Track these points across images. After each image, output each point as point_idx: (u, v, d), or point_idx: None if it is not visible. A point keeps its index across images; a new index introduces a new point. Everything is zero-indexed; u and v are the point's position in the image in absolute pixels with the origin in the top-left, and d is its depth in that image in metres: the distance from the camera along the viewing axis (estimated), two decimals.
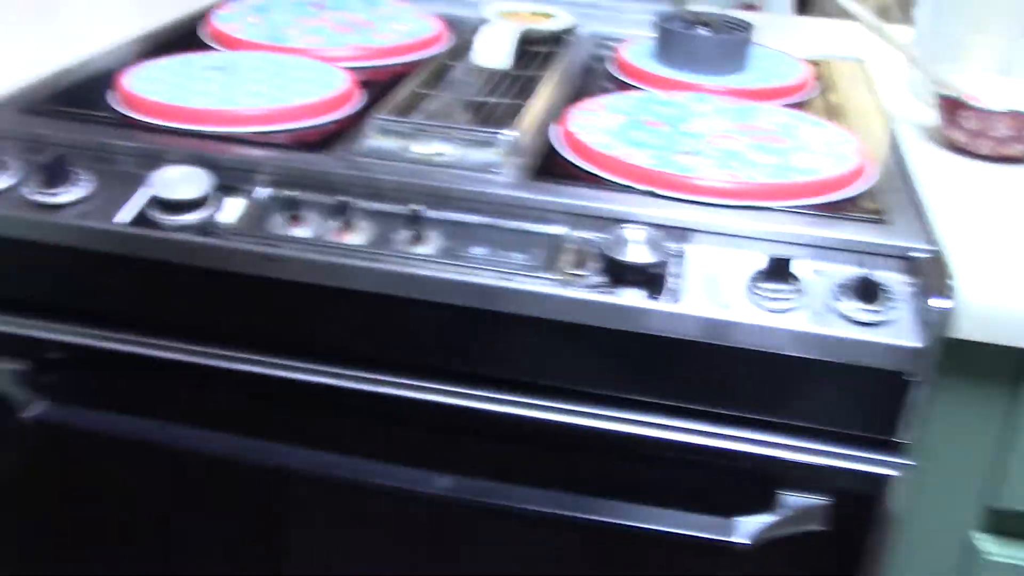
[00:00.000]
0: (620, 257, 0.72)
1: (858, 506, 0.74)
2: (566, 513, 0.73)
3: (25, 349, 0.81)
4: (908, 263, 0.73)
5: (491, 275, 0.72)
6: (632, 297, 0.71)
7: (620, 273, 0.72)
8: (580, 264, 0.74)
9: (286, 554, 0.86)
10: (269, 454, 0.79)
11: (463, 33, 1.12)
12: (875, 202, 0.79)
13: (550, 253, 0.74)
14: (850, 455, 0.73)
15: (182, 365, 0.79)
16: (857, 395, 0.71)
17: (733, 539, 0.72)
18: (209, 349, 0.79)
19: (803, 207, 0.77)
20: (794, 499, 0.74)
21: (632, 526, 0.73)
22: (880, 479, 0.73)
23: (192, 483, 0.84)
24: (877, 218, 0.77)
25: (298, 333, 0.77)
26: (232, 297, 0.77)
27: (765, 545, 0.74)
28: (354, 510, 0.82)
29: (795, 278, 0.71)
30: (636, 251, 0.72)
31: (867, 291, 0.70)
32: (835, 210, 0.78)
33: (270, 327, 0.78)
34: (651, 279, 0.72)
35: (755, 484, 0.74)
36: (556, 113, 0.92)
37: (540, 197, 0.77)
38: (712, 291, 0.72)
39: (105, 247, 0.76)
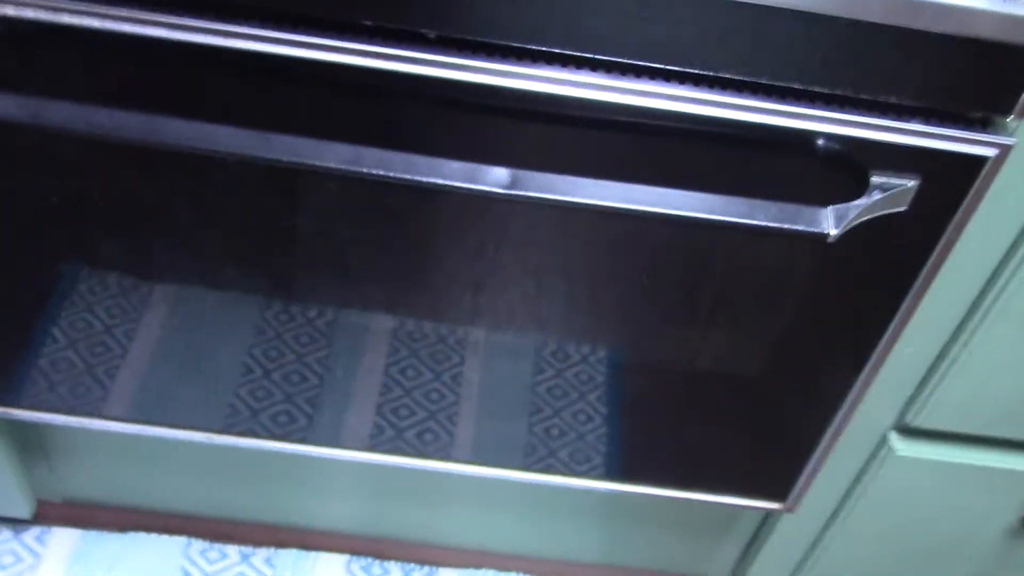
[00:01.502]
0: None
1: (948, 185, 0.69)
2: (655, 209, 0.65)
3: None
4: None
5: None
6: None
7: None
8: None
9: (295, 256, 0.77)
10: (277, 148, 0.67)
11: None
12: None
13: None
14: (949, 133, 0.66)
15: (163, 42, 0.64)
16: (970, 69, 0.63)
17: (823, 228, 0.67)
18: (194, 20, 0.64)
19: None
20: (885, 180, 0.68)
21: (719, 219, 0.66)
22: (976, 159, 0.67)
23: (190, 180, 0.71)
24: None
25: None
26: None
27: (848, 232, 0.68)
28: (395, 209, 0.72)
29: None
30: None
31: None
32: None
33: None
34: None
35: (846, 169, 0.68)
36: None
37: None
38: None
39: None
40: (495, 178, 0.64)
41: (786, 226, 0.65)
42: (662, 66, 0.64)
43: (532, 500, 1.13)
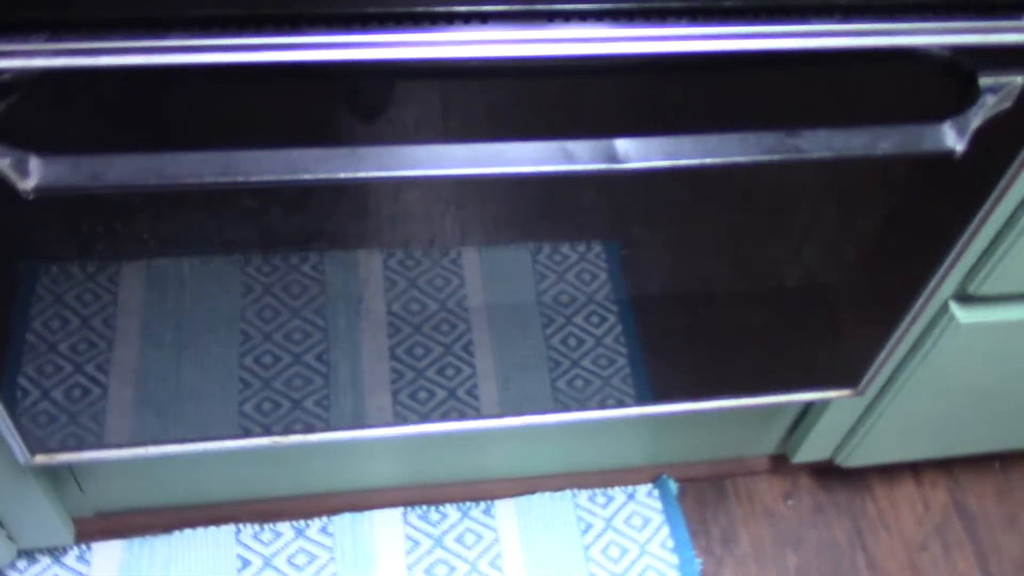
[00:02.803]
0: None
1: None
2: (780, 157, 0.61)
3: None
4: None
5: None
6: None
7: None
8: None
9: None
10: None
11: None
12: None
13: None
14: None
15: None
16: None
17: (950, 146, 0.63)
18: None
19: None
20: (994, 81, 0.65)
21: (846, 155, 0.62)
22: None
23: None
24: None
25: None
26: None
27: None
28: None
29: None
30: None
31: None
32: None
33: None
34: None
35: (954, 76, 0.64)
36: None
37: None
38: None
39: None
40: (614, 152, 0.59)
41: (913, 151, 0.62)
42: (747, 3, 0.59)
43: (577, 421, 1.11)
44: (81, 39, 0.53)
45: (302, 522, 1.13)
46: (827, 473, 1.23)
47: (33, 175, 0.53)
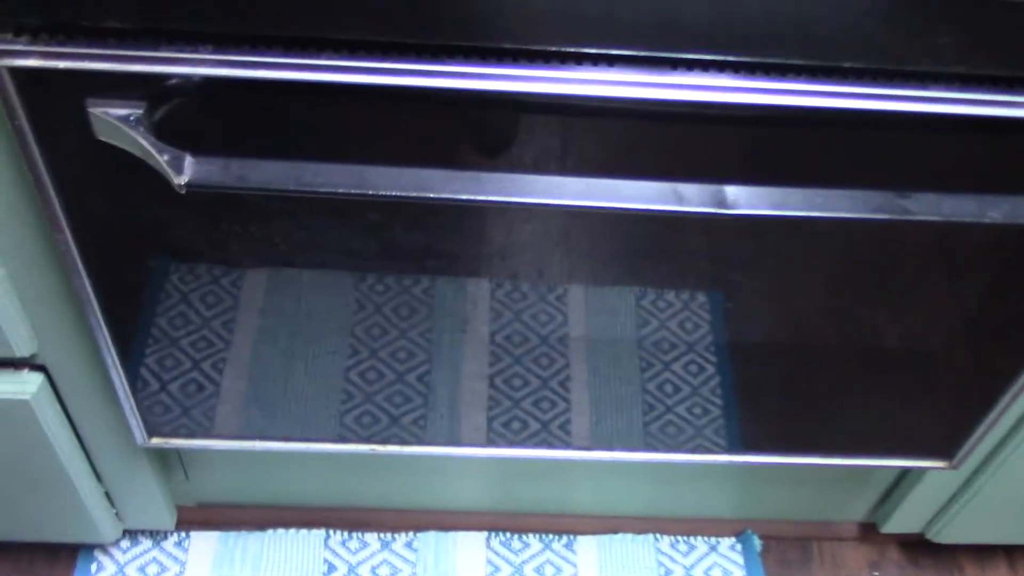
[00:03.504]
0: None
1: None
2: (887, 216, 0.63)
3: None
4: None
5: None
6: None
7: None
8: None
9: None
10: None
11: None
12: None
13: None
14: None
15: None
16: None
17: None
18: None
19: None
20: None
21: (952, 220, 0.64)
22: None
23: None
24: None
25: None
26: None
27: None
28: None
29: None
30: None
31: None
32: None
33: None
34: None
35: None
36: None
37: None
38: None
39: None
40: (723, 198, 0.61)
41: (1022, 222, 0.62)
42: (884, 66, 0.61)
43: (664, 465, 1.12)
44: (242, 53, 0.58)
45: (389, 535, 1.17)
46: (917, 547, 1.21)
47: (186, 172, 0.58)
